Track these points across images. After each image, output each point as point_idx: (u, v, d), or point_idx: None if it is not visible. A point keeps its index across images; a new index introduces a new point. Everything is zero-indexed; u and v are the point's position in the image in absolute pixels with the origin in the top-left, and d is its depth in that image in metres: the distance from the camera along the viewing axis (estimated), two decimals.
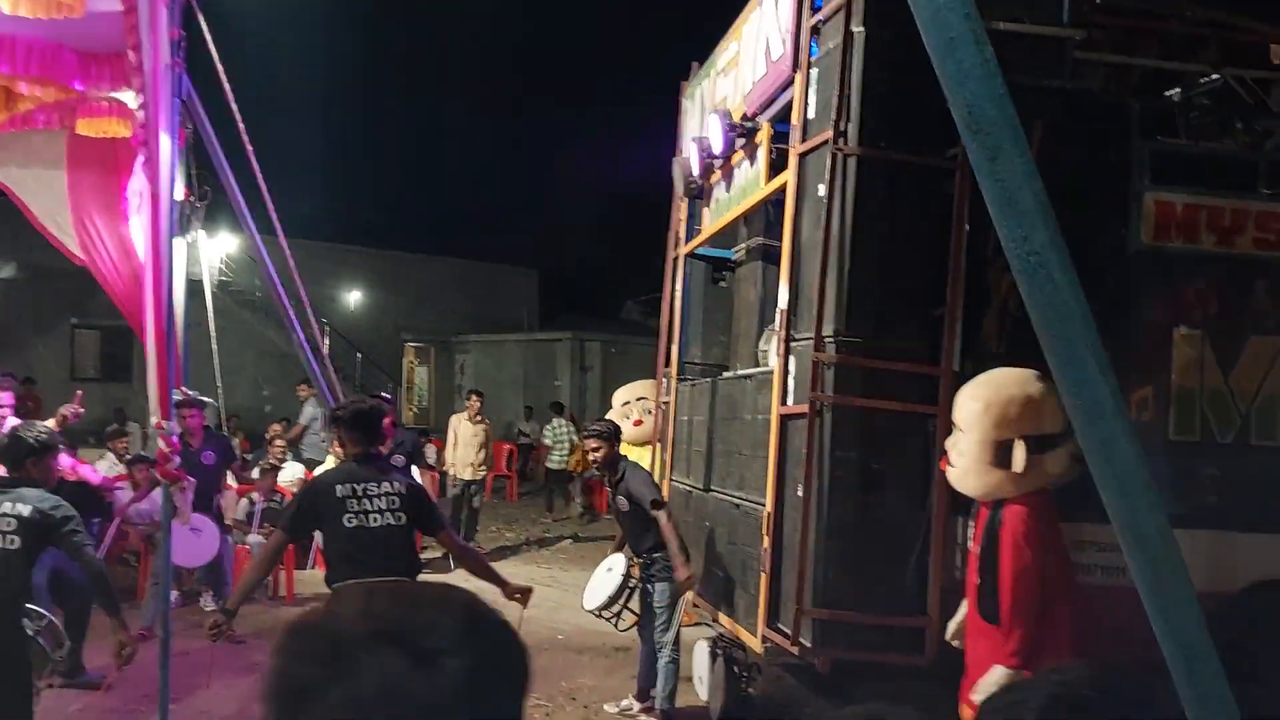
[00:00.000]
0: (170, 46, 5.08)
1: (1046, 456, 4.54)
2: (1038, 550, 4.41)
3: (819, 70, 5.74)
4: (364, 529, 4.54)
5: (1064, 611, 4.46)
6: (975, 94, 0.93)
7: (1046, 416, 4.52)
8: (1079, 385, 0.99)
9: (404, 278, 30.60)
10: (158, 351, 4.99)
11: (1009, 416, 4.59)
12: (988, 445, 4.59)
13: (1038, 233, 0.95)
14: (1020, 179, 0.95)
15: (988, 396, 4.70)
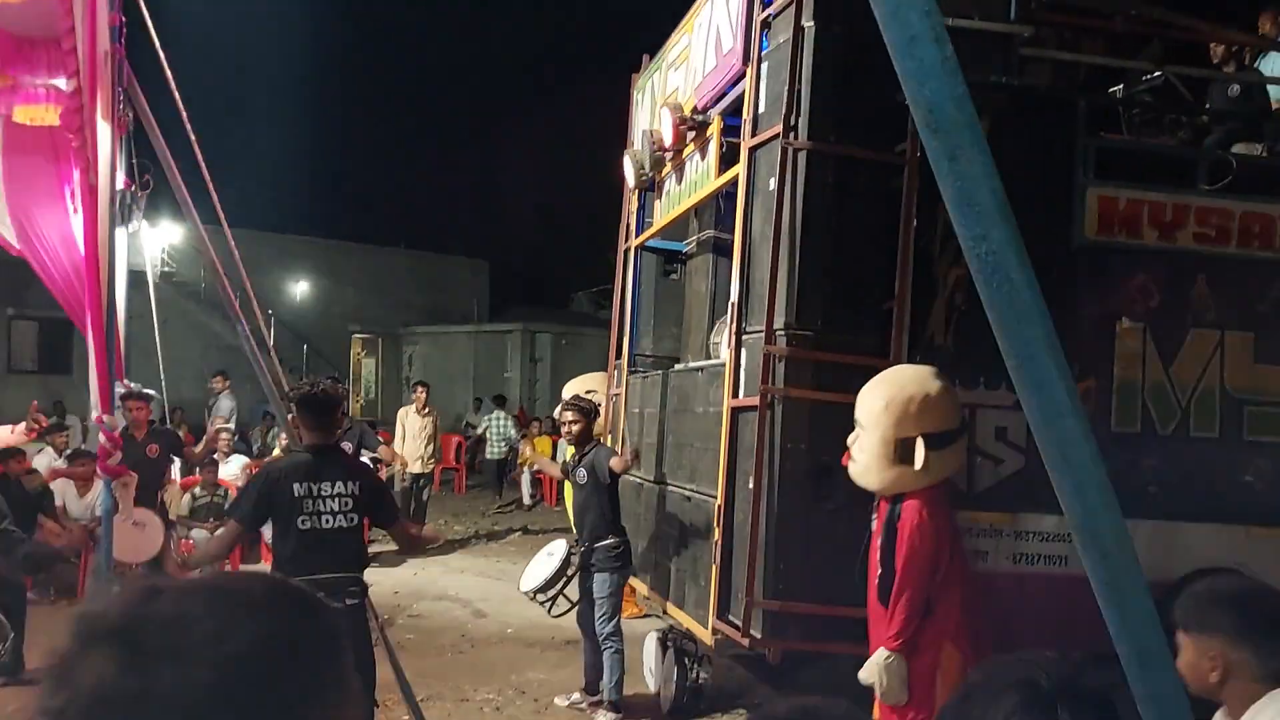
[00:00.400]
0: (110, 33, 4.96)
1: (945, 452, 4.74)
2: (932, 542, 4.61)
3: (769, 64, 5.75)
4: (316, 530, 4.46)
5: (952, 600, 4.66)
6: (935, 93, 0.93)
7: (945, 414, 4.73)
8: (1036, 385, 0.99)
9: (351, 268, 30.27)
10: (97, 345, 4.88)
11: (909, 414, 4.74)
12: (889, 443, 4.74)
13: (995, 231, 0.95)
14: (979, 178, 0.94)
15: (889, 395, 4.83)
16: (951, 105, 0.93)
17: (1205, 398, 6.23)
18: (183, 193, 5.32)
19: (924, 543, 4.59)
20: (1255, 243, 6.29)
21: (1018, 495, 5.88)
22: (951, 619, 4.65)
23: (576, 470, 6.53)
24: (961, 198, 0.95)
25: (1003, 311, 0.98)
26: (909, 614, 4.58)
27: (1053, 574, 5.93)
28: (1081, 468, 1.04)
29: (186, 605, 0.92)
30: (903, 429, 4.71)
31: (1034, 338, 0.97)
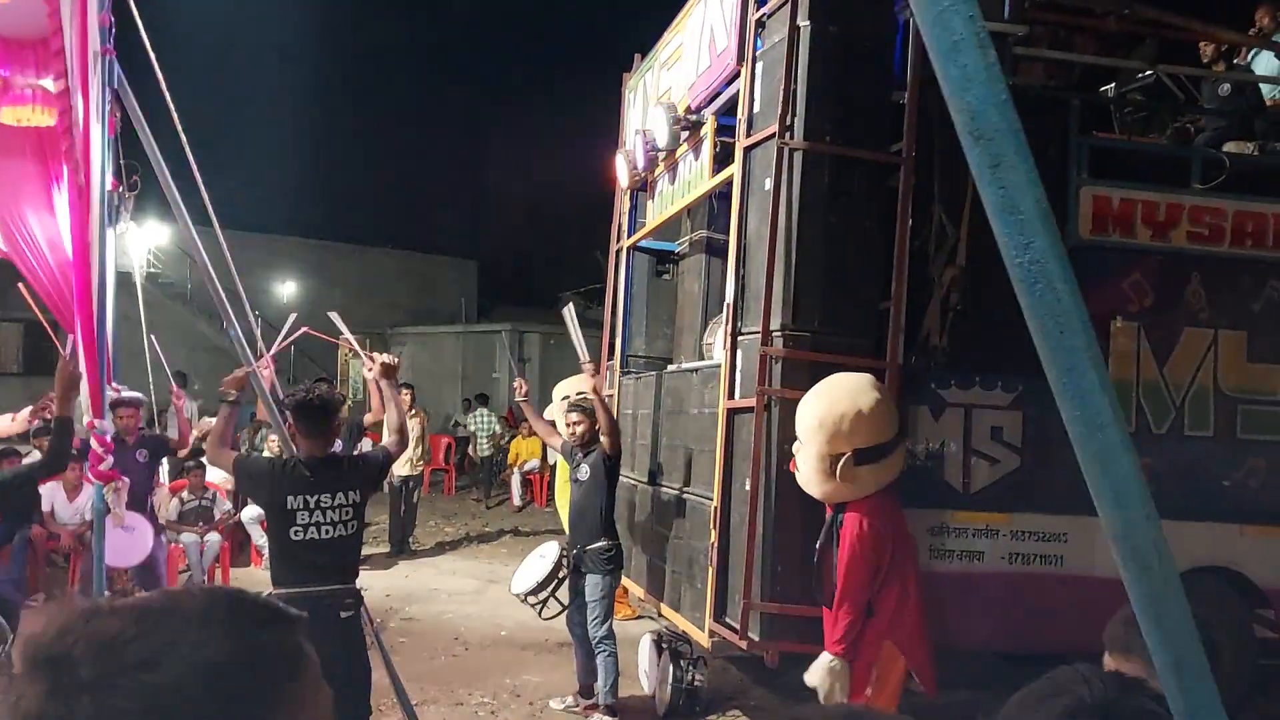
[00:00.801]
0: (101, 33, 4.91)
1: (879, 465, 4.82)
2: (871, 550, 4.70)
3: (764, 64, 5.74)
4: (314, 540, 4.38)
5: (890, 600, 4.76)
6: (979, 99, 0.91)
7: (877, 428, 4.78)
8: (1079, 397, 0.98)
9: (340, 269, 30.14)
10: (88, 349, 4.82)
11: (841, 432, 4.79)
12: (823, 458, 4.83)
13: (1039, 240, 0.93)
14: (1023, 185, 0.92)
15: (821, 413, 4.89)
16: (995, 112, 0.91)
17: (1199, 396, 6.25)
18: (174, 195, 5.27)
19: (863, 551, 4.67)
20: (1248, 241, 6.32)
21: (1013, 495, 5.90)
22: (888, 619, 4.75)
23: (580, 467, 6.47)
24: (1004, 206, 0.93)
25: (1044, 321, 0.95)
26: (850, 619, 4.68)
27: (1049, 573, 5.94)
28: (1123, 479, 1.02)
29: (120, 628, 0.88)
30: (835, 445, 4.78)
31: (1077, 348, 0.95)
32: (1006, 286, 3.65)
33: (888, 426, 4.79)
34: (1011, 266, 0.97)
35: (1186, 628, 1.10)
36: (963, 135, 0.94)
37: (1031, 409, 5.87)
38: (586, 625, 6.32)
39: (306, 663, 0.99)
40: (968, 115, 0.92)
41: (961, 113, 0.92)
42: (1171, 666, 1.09)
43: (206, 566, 9.35)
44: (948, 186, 5.72)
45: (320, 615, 4.35)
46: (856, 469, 4.74)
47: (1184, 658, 1.09)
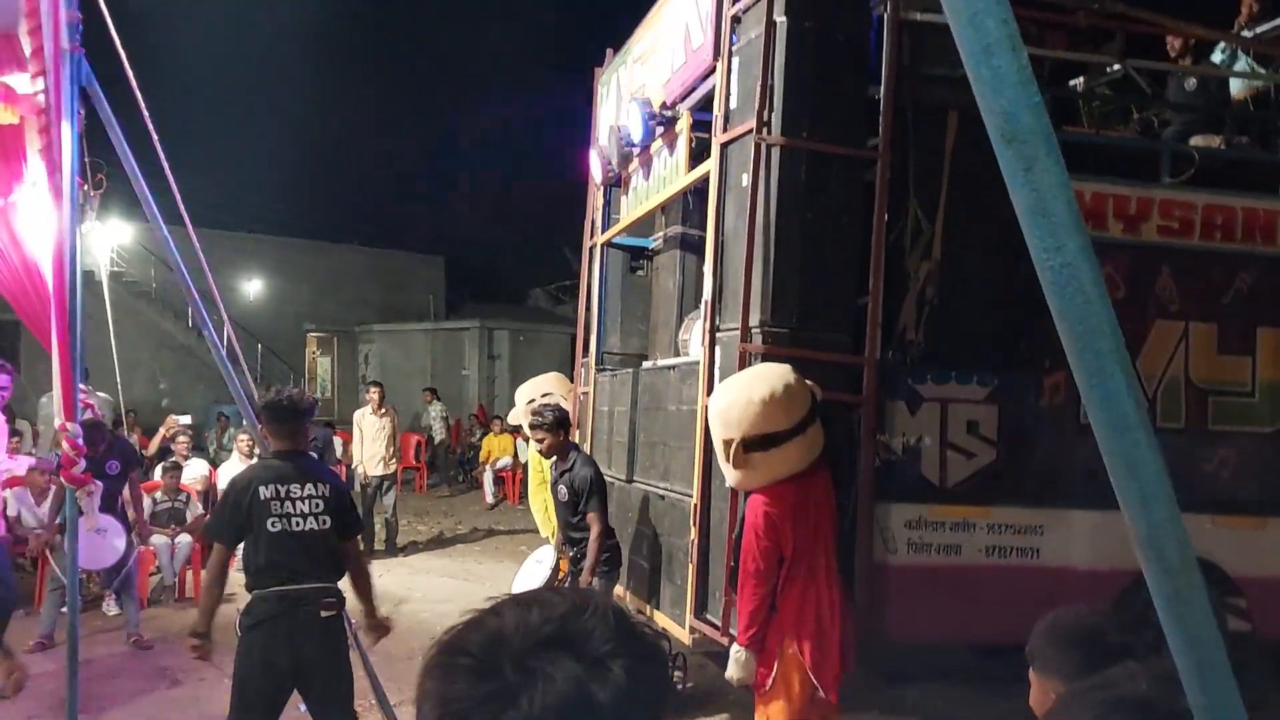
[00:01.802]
0: (69, 30, 4.82)
1: (771, 454, 4.72)
2: (767, 538, 4.62)
3: (740, 60, 5.73)
4: (287, 533, 4.32)
5: (793, 600, 4.66)
6: (1012, 101, 0.90)
7: (768, 417, 4.69)
8: (1106, 399, 0.97)
9: (306, 266, 29.85)
10: (61, 351, 4.75)
11: (731, 420, 4.79)
12: (721, 446, 4.84)
13: (1070, 243, 0.93)
14: (1055, 188, 0.92)
15: (717, 403, 4.94)
16: (1028, 114, 0.91)
17: (1171, 389, 6.32)
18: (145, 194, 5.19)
19: (759, 539, 4.61)
20: (1218, 235, 6.38)
21: (990, 489, 5.94)
22: (791, 617, 4.65)
23: (557, 487, 6.43)
24: (1036, 208, 0.93)
25: (1074, 324, 0.95)
26: (751, 609, 4.62)
27: (1025, 566, 5.98)
28: (1148, 481, 1.02)
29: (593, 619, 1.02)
30: (727, 432, 4.78)
31: (1106, 351, 0.95)
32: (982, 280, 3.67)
33: (781, 416, 4.68)
34: (1042, 269, 0.97)
35: (1209, 630, 1.10)
36: (995, 138, 0.93)
37: (1007, 403, 5.91)
38: None
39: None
40: (1000, 118, 0.91)
41: (994, 115, 0.92)
42: (1194, 669, 1.09)
43: (178, 568, 9.25)
44: (923, 181, 5.74)
45: (301, 615, 4.31)
46: (747, 455, 4.69)
47: (1206, 660, 1.09)
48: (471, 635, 1.00)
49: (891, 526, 5.76)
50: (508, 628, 0.98)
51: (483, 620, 1.01)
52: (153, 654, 7.50)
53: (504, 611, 1.00)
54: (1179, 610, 1.09)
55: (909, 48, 5.65)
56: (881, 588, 5.67)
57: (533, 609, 1.00)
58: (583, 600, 1.03)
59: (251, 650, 4.28)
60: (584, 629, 0.98)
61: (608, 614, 1.01)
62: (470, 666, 0.97)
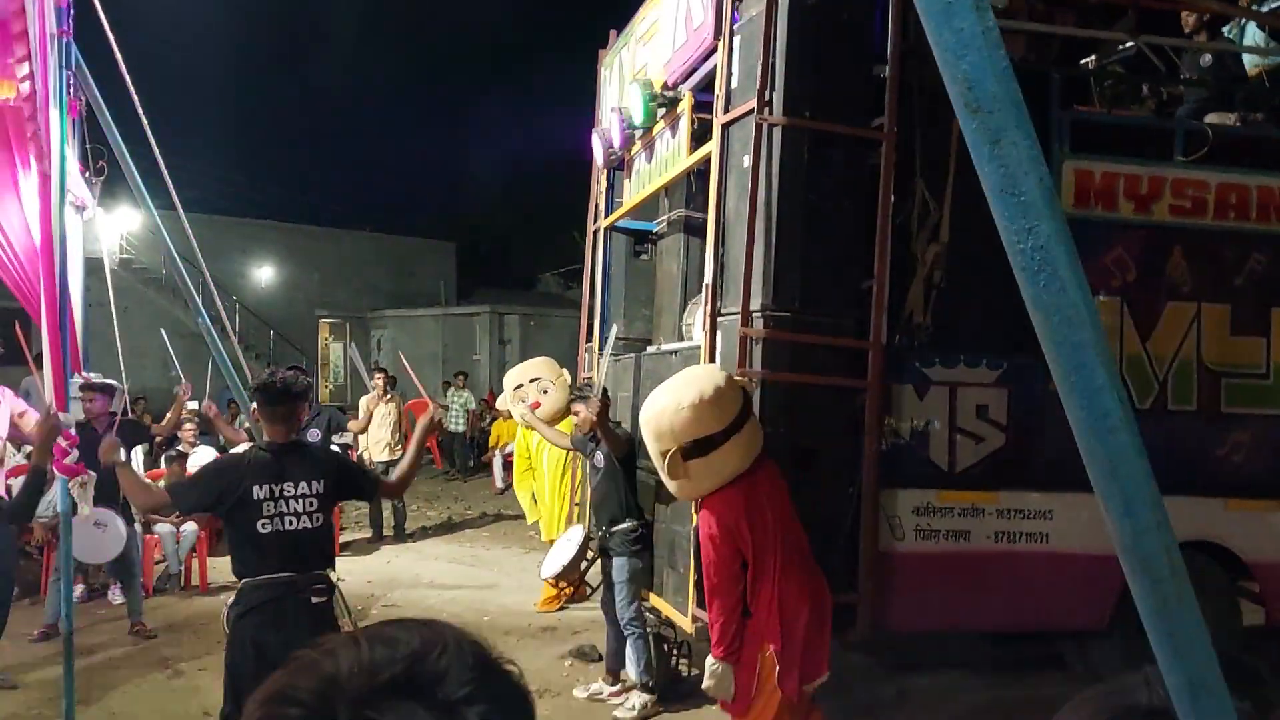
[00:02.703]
0: (58, 14, 4.75)
1: (709, 458, 4.56)
2: (724, 545, 4.46)
3: (742, 38, 5.61)
4: (280, 532, 4.24)
5: (763, 600, 4.50)
6: (975, 67, 0.81)
7: (698, 421, 4.54)
8: (1086, 394, 0.88)
9: (318, 253, 29.89)
10: (51, 338, 4.69)
11: (663, 429, 4.64)
12: (658, 459, 4.70)
13: (1043, 224, 0.84)
14: (1025, 163, 0.83)
15: (646, 418, 4.76)
16: (994, 81, 0.81)
17: (1182, 371, 6.21)
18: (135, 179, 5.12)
19: (717, 549, 4.46)
20: (1231, 214, 6.26)
21: (999, 473, 5.84)
22: (763, 619, 4.51)
23: (595, 454, 6.44)
24: (1004, 186, 0.83)
25: (1049, 313, 0.86)
26: (723, 621, 4.49)
27: (1034, 551, 5.89)
28: (1131, 484, 0.93)
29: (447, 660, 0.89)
30: (663, 443, 4.64)
31: (1084, 343, 0.86)
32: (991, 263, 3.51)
33: (712, 419, 4.52)
34: (1013, 253, 0.88)
35: (1201, 644, 1.01)
36: (959, 108, 0.84)
37: (1017, 386, 5.81)
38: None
39: None
40: (964, 85, 0.82)
41: (957, 82, 0.82)
42: (1185, 687, 1.00)
43: (183, 556, 9.23)
44: (930, 162, 5.63)
45: (290, 601, 4.24)
46: (686, 464, 4.54)
47: (1198, 677, 1.00)
48: (301, 680, 0.86)
49: (899, 513, 5.67)
50: (343, 671, 0.85)
51: (315, 662, 0.87)
52: (156, 643, 7.47)
53: (339, 652, 0.86)
54: (1168, 624, 1.01)
55: (914, 25, 5.52)
56: (888, 575, 5.59)
57: (374, 648, 0.86)
58: (434, 637, 0.89)
59: (243, 638, 4.22)
60: (435, 670, 0.85)
61: (464, 651, 0.88)
62: (300, 718, 0.83)
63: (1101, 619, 5.99)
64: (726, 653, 4.49)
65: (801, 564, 4.60)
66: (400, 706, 0.82)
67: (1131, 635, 6.11)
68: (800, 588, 4.53)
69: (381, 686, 0.83)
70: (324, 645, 0.88)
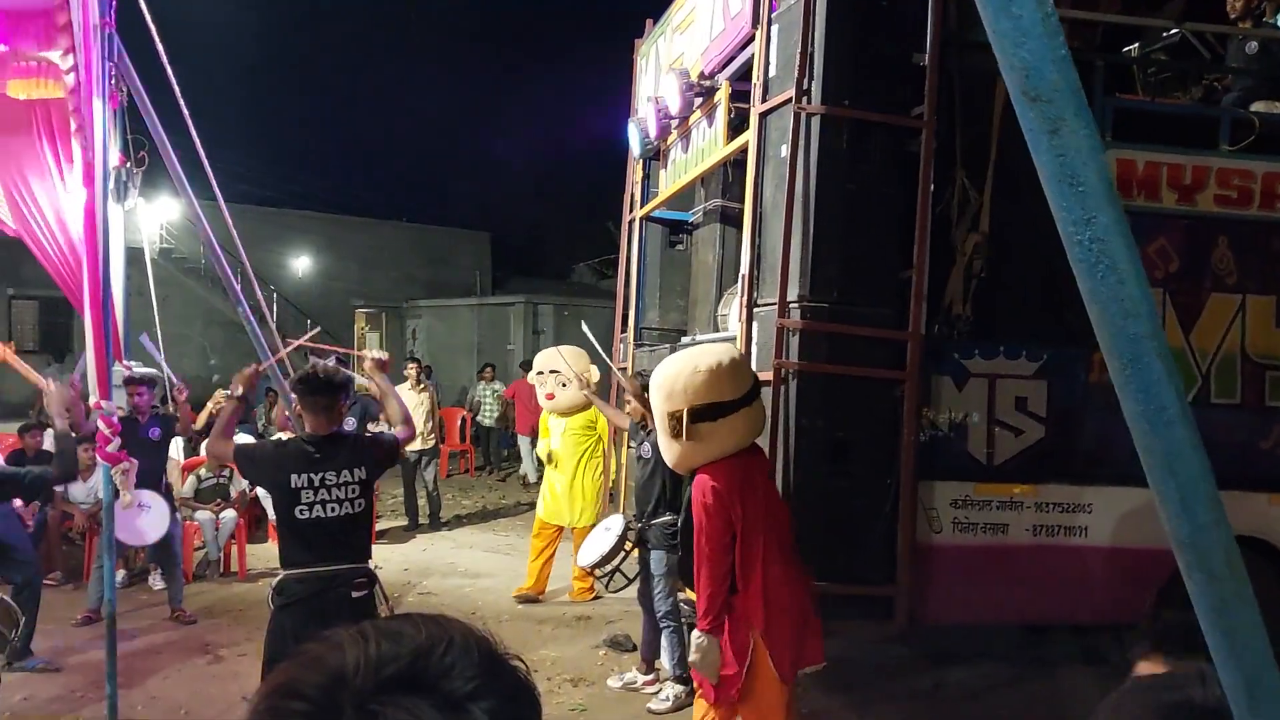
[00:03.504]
0: (100, 5, 4.80)
1: (717, 423, 4.49)
2: (721, 517, 4.39)
3: (780, 27, 5.58)
4: (319, 520, 4.31)
5: (758, 578, 4.43)
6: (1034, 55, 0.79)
7: (713, 386, 4.50)
8: (1143, 389, 0.87)
9: (354, 243, 30.11)
10: (95, 328, 4.75)
11: (676, 391, 4.55)
12: (663, 418, 4.60)
13: (1102, 215, 0.82)
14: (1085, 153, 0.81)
15: (659, 379, 4.71)
16: (1053, 69, 0.80)
17: (1226, 363, 6.12)
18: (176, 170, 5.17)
19: (711, 518, 4.39)
20: (1278, 204, 6.15)
21: (1038, 466, 5.79)
22: (759, 597, 4.44)
23: (643, 444, 6.41)
24: (1063, 176, 0.82)
25: (1107, 306, 0.84)
26: (710, 591, 4.40)
27: (1074, 545, 5.84)
28: (1189, 481, 0.91)
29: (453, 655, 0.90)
30: (673, 404, 4.54)
31: (1141, 335, 0.85)
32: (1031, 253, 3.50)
33: (728, 386, 4.52)
34: (1070, 245, 0.86)
35: (1260, 644, 0.99)
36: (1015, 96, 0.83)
37: (1057, 378, 5.75)
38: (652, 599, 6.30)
39: None
40: (1021, 74, 0.80)
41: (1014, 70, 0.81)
42: (1242, 686, 0.99)
43: (222, 543, 9.33)
44: (970, 150, 5.57)
45: (332, 595, 4.31)
46: (694, 426, 4.49)
47: (1257, 676, 0.98)
48: (307, 675, 0.85)
49: (937, 505, 5.63)
50: (349, 666, 0.84)
51: (321, 657, 0.86)
52: (195, 629, 7.56)
53: (345, 646, 0.86)
54: (1226, 622, 0.99)
55: (954, 12, 5.47)
56: (926, 568, 5.55)
57: (380, 643, 0.86)
58: (440, 632, 0.89)
59: (283, 629, 4.28)
60: (441, 666, 0.85)
61: (470, 647, 0.88)
62: (305, 713, 0.83)
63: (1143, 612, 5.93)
64: (712, 625, 4.41)
65: (787, 554, 4.55)
66: (405, 701, 0.82)
67: None
68: (785, 572, 4.48)
69: (387, 681, 0.83)
70: (330, 639, 0.89)
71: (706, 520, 4.40)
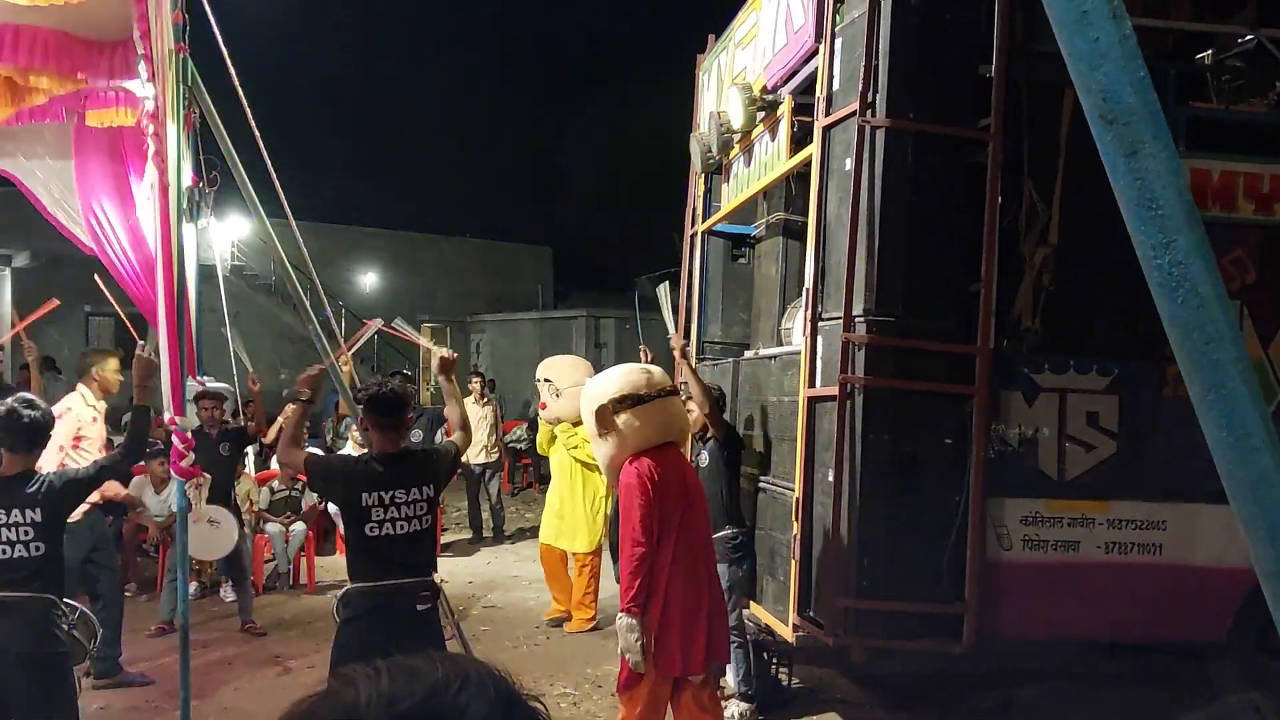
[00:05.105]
0: (174, 31, 4.92)
1: (637, 411, 4.77)
2: (646, 500, 4.63)
3: (843, 40, 5.55)
4: (389, 536, 4.38)
5: (663, 577, 4.66)
6: (1111, 77, 0.78)
7: (635, 383, 4.85)
8: (1226, 415, 0.84)
9: (419, 259, 30.50)
10: (170, 346, 4.85)
11: (596, 393, 4.90)
12: (594, 423, 4.87)
13: (1181, 238, 0.80)
14: (1163, 175, 0.79)
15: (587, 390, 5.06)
16: (1130, 92, 0.78)
17: None
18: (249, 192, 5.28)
19: (637, 500, 4.62)
20: None
21: (1110, 482, 5.67)
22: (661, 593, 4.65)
23: (700, 454, 6.37)
24: (1140, 199, 0.80)
25: (1188, 331, 0.82)
26: (631, 570, 4.59)
27: (1147, 563, 5.71)
28: (1275, 508, 0.88)
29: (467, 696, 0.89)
30: (599, 402, 4.82)
31: (1224, 361, 0.82)
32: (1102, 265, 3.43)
33: (643, 383, 4.86)
34: (1149, 269, 0.84)
35: None
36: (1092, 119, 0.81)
37: (1129, 392, 5.64)
38: None
39: None
40: (1098, 96, 0.79)
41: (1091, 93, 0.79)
42: None
43: (292, 555, 9.47)
44: (1039, 161, 5.50)
45: (398, 608, 4.37)
46: (615, 417, 4.76)
47: None
48: (321, 709, 0.86)
49: (1006, 522, 5.54)
50: (362, 701, 0.85)
51: (336, 692, 0.87)
52: (265, 641, 7.68)
53: (360, 683, 0.87)
54: None
55: (1021, 22, 5.40)
56: (995, 585, 5.46)
57: (394, 679, 0.87)
58: (457, 670, 0.89)
59: (349, 642, 4.33)
60: (455, 705, 0.85)
61: (486, 686, 0.88)
62: None
63: (1219, 632, 5.78)
64: (632, 605, 4.58)
65: (695, 559, 4.79)
66: None
67: (1250, 650, 5.90)
68: (689, 576, 4.72)
69: (398, 717, 0.84)
70: (346, 675, 0.89)
71: (634, 500, 4.63)
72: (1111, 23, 0.77)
